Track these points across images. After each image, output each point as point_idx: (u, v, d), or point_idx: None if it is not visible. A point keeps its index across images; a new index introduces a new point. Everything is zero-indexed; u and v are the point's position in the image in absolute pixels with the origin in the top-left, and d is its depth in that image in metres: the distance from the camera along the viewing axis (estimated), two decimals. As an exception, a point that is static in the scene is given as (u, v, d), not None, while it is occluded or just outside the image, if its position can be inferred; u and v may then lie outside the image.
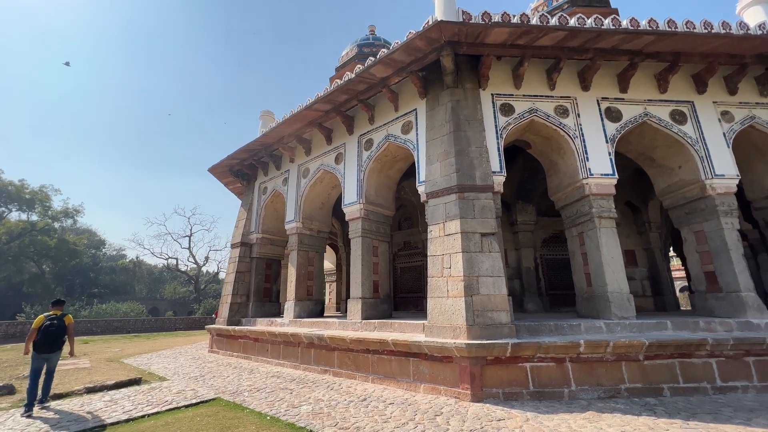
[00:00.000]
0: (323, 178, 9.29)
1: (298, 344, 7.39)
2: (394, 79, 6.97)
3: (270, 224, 10.93)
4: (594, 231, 6.24)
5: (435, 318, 5.42)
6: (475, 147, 6.14)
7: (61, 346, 5.18)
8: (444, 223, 5.82)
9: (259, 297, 10.47)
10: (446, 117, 6.45)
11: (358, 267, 7.54)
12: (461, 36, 5.98)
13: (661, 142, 7.04)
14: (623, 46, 6.22)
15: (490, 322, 5.07)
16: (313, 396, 5.13)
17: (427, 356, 5.25)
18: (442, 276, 5.55)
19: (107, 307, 34.22)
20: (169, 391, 5.58)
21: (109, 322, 24.51)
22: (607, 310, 5.81)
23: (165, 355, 9.82)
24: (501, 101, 6.62)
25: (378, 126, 7.82)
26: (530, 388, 4.76)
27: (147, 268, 61.70)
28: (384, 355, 5.81)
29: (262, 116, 12.20)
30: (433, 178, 6.25)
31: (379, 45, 11.90)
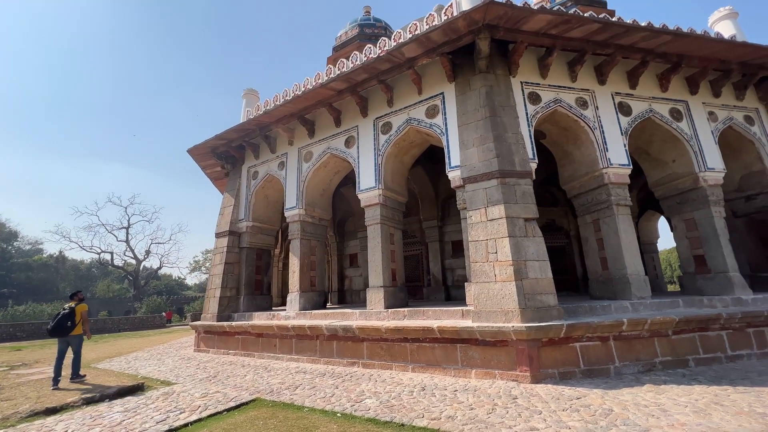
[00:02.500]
0: (328, 163, 8.79)
1: (317, 337, 6.96)
2: (422, 60, 6.73)
3: (260, 212, 10.14)
4: (612, 218, 6.61)
5: (482, 303, 5.38)
6: (511, 133, 6.16)
7: (71, 330, 6.34)
8: (486, 208, 5.78)
9: (250, 290, 9.70)
10: (480, 102, 6.38)
11: (378, 255, 7.27)
12: (502, 20, 5.92)
13: (659, 137, 7.66)
14: (641, 44, 6.61)
15: (540, 305, 5.15)
16: (365, 389, 4.83)
17: (478, 341, 5.21)
18: (487, 261, 5.52)
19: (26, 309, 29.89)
20: (191, 396, 4.91)
21: (36, 325, 21.26)
22: (626, 291, 6.22)
23: (143, 358, 8.71)
24: (529, 90, 6.71)
25: (398, 109, 7.53)
26: (581, 367, 4.93)
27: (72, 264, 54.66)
28: (426, 343, 5.66)
29: (246, 95, 11.23)
30: (470, 163, 6.17)
31: (380, 26, 11.46)
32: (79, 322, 6.49)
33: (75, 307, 6.51)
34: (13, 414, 4.30)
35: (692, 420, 3.25)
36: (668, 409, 3.56)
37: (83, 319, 6.57)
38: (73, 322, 6.38)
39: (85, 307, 6.67)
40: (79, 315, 6.50)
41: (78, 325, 6.46)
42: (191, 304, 43.69)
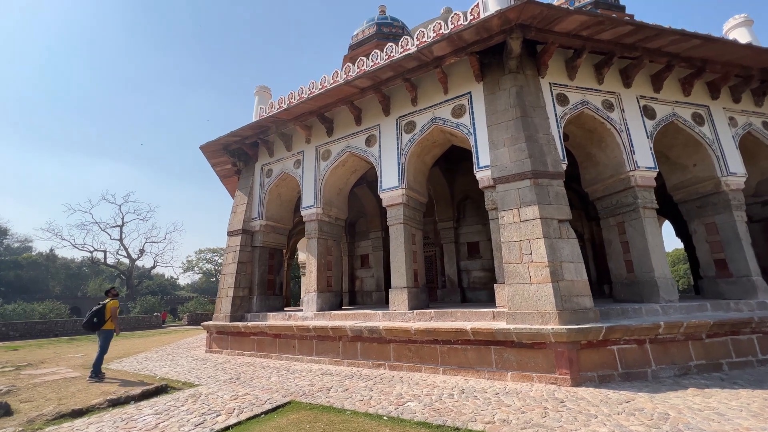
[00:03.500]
0: (346, 162, 8.68)
1: (339, 338, 6.82)
2: (450, 59, 6.67)
3: (273, 210, 9.97)
4: (638, 220, 6.61)
5: (516, 304, 5.31)
6: (542, 134, 6.13)
7: (99, 326, 6.60)
8: (519, 208, 5.72)
9: (263, 290, 9.52)
10: (510, 102, 6.34)
11: (401, 256, 7.17)
12: (536, 20, 5.89)
13: (680, 141, 7.70)
14: (669, 47, 6.64)
15: (577, 307, 5.09)
16: (401, 391, 4.72)
17: (513, 343, 5.13)
18: (521, 262, 5.45)
19: (16, 308, 29.12)
20: (220, 398, 4.75)
21: (30, 325, 20.73)
22: (654, 294, 6.20)
23: (154, 359, 8.47)
24: (557, 91, 6.69)
25: (422, 108, 7.46)
26: (619, 370, 4.88)
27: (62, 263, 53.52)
28: (458, 344, 5.57)
29: (258, 92, 11.07)
30: (500, 163, 6.11)
31: (398, 26, 11.39)
32: (108, 318, 6.63)
33: (106, 304, 6.71)
34: (38, 416, 4.10)
35: (755, 424, 3.21)
36: (724, 413, 3.51)
37: (112, 315, 6.69)
38: (101, 318, 6.60)
39: (115, 303, 6.82)
40: (108, 311, 6.65)
41: (108, 321, 6.63)
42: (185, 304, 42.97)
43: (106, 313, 6.71)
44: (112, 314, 6.74)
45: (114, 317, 6.74)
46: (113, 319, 6.73)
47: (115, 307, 6.79)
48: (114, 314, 6.76)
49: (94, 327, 6.65)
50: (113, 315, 6.75)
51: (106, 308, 6.74)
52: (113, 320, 6.73)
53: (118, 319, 6.92)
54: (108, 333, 6.74)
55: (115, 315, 6.77)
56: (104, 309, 6.73)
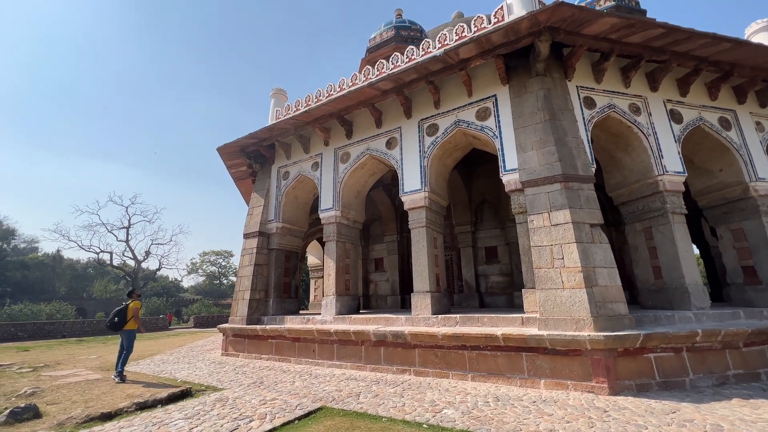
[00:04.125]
0: (365, 164, 8.63)
1: (362, 343, 6.72)
2: (475, 61, 6.63)
3: (290, 213, 9.93)
4: (667, 226, 6.49)
5: (548, 310, 5.20)
6: (571, 137, 6.05)
7: (121, 326, 6.60)
8: (549, 212, 5.63)
9: (279, 293, 9.44)
10: (538, 105, 6.28)
11: (424, 259, 7.08)
12: (566, 22, 5.83)
13: (706, 146, 7.59)
14: (697, 51, 6.56)
15: (612, 314, 4.98)
16: (434, 398, 4.61)
17: (546, 350, 5.02)
18: (552, 267, 5.35)
19: (23, 308, 29.15)
20: (249, 403, 4.66)
21: (38, 325, 20.75)
22: (685, 301, 6.06)
23: (170, 361, 8.39)
24: (584, 94, 6.62)
25: (445, 111, 7.41)
26: (657, 379, 4.75)
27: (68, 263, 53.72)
28: (487, 351, 5.46)
29: (274, 95, 11.08)
30: (529, 167, 6.03)
31: (416, 29, 11.39)
32: (130, 318, 6.66)
33: (128, 304, 6.74)
34: (68, 419, 4.03)
35: (817, 438, 3.08)
36: (780, 425, 3.38)
37: (134, 315, 6.73)
38: (122, 318, 6.61)
39: (137, 304, 6.87)
40: (130, 311, 6.68)
41: (130, 320, 6.65)
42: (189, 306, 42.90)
43: (128, 313, 6.72)
44: (134, 314, 6.76)
45: (136, 317, 6.79)
46: (135, 319, 6.76)
47: (136, 308, 6.83)
48: (136, 314, 6.80)
49: (116, 327, 6.64)
50: (135, 315, 6.77)
51: (128, 309, 6.75)
52: (135, 320, 6.76)
53: (141, 319, 6.89)
54: (130, 333, 6.74)
55: (137, 315, 6.81)
56: (126, 309, 6.74)
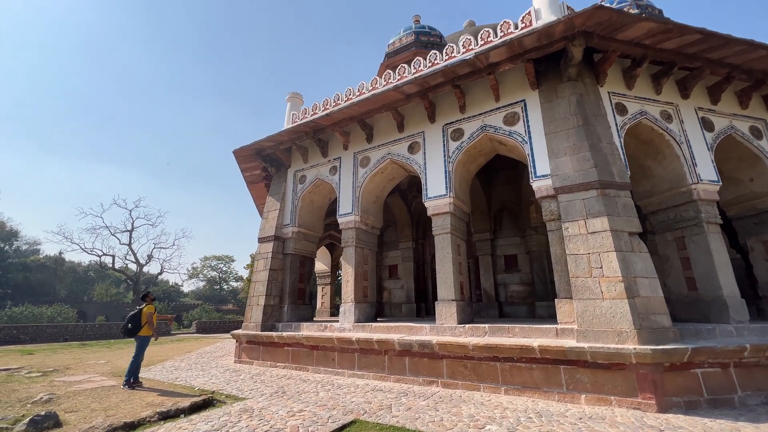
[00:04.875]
0: (385, 169, 8.50)
1: (385, 352, 6.50)
2: (505, 65, 6.52)
3: (305, 217, 9.76)
4: (702, 236, 6.30)
5: (587, 321, 4.99)
6: (606, 143, 5.91)
7: (135, 332, 6.42)
8: (585, 220, 5.45)
9: (293, 299, 9.23)
10: (571, 110, 6.15)
11: (448, 267, 6.88)
12: (600, 26, 5.73)
13: (736, 155, 7.44)
14: (731, 59, 6.45)
15: (655, 326, 4.77)
16: (472, 413, 4.39)
17: (587, 363, 4.80)
18: (590, 276, 5.16)
19: (24, 310, 28.82)
20: (276, 414, 4.44)
21: (41, 328, 20.43)
22: (723, 314, 5.84)
23: (183, 368, 8.15)
24: (616, 100, 6.50)
25: (471, 115, 7.29)
26: (705, 396, 4.52)
27: (69, 266, 53.47)
28: (521, 363, 5.24)
29: (290, 98, 11.01)
30: (562, 173, 5.88)
31: (435, 35, 11.37)
32: (144, 324, 6.46)
33: (142, 309, 6.54)
34: (89, 429, 3.81)
35: None
36: None
37: (148, 321, 6.52)
38: (136, 323, 6.43)
39: (151, 308, 6.65)
40: (144, 316, 6.49)
41: (144, 326, 6.46)
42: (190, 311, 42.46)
43: (141, 318, 6.52)
44: (148, 320, 6.55)
45: (150, 323, 6.57)
46: (149, 325, 6.54)
47: (150, 313, 6.61)
48: (150, 319, 6.58)
49: (130, 333, 6.45)
50: (149, 320, 6.55)
51: (141, 313, 6.54)
52: (149, 326, 6.54)
53: (155, 324, 6.66)
54: (143, 339, 6.53)
55: (151, 320, 6.58)
56: (140, 314, 6.55)
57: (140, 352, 6.44)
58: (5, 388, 5.76)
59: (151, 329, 6.56)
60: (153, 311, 6.66)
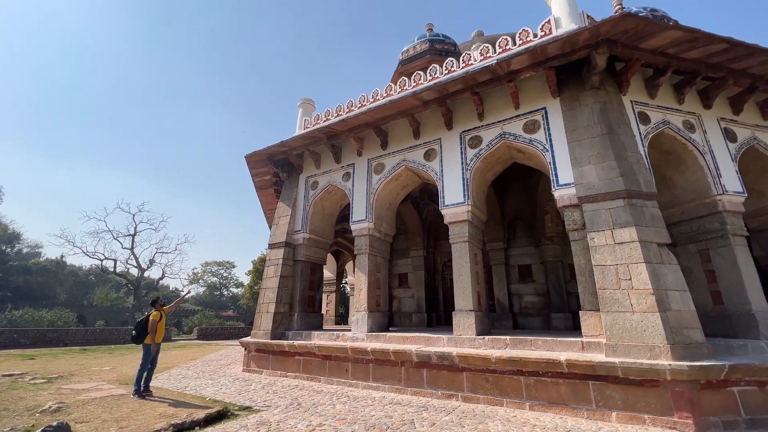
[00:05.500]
0: (400, 176, 8.40)
1: (402, 364, 6.31)
2: (525, 72, 6.45)
3: (317, 223, 9.64)
4: (728, 248, 6.15)
5: (617, 335, 4.82)
6: (631, 152, 5.80)
7: (140, 339, 6.23)
8: (612, 230, 5.31)
9: (303, 306, 9.06)
10: (594, 118, 6.06)
11: (466, 276, 6.74)
12: (626, 35, 5.67)
13: (758, 167, 7.34)
14: (755, 69, 6.38)
15: (689, 341, 4.60)
16: (501, 430, 4.20)
17: (618, 379, 4.61)
18: (619, 288, 5.00)
19: (24, 314, 28.49)
20: (294, 428, 4.25)
21: (41, 332, 20.18)
22: (752, 329, 5.66)
23: (190, 376, 7.94)
24: (638, 109, 6.42)
25: (489, 123, 7.21)
26: (743, 416, 4.33)
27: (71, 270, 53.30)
28: (547, 377, 5.05)
29: (302, 104, 10.98)
30: (587, 181, 5.76)
31: (449, 43, 11.39)
32: (150, 331, 6.19)
33: (149, 315, 6.31)
34: (103, 442, 3.64)
35: None
36: None
37: (150, 328, 6.20)
38: (141, 330, 6.21)
39: (156, 315, 6.33)
40: (150, 323, 6.22)
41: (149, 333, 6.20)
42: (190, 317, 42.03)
43: (148, 325, 6.27)
44: (151, 327, 6.20)
45: (153, 331, 6.21)
46: (151, 333, 6.20)
47: (155, 320, 6.26)
48: (153, 327, 6.22)
49: (136, 340, 6.25)
50: (152, 328, 6.20)
51: (148, 320, 6.31)
52: (151, 334, 6.20)
53: (155, 331, 6.24)
54: (147, 347, 6.22)
55: (153, 328, 6.21)
56: (146, 321, 6.32)
57: (145, 360, 6.16)
58: (11, 396, 5.58)
59: (154, 337, 6.20)
60: (158, 319, 6.30)
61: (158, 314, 6.40)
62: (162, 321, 6.41)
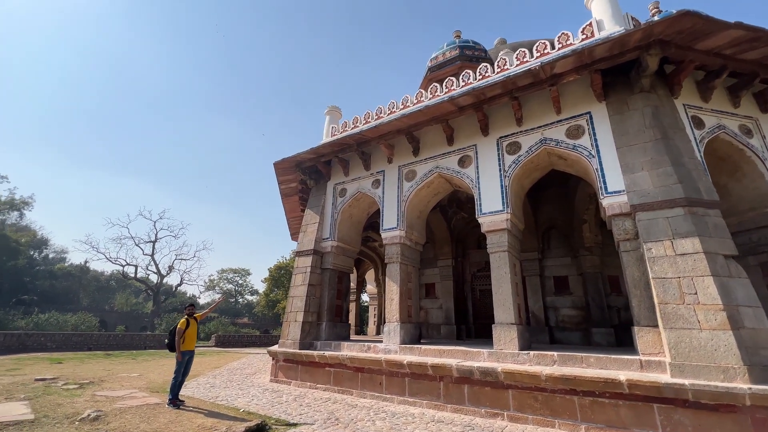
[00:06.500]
0: (432, 183, 8.21)
1: (440, 379, 6.02)
2: (569, 76, 6.23)
3: (345, 231, 9.51)
4: (795, 261, 5.70)
5: (683, 354, 4.45)
6: (688, 158, 5.47)
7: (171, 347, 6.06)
8: (672, 240, 4.97)
9: (331, 316, 8.87)
10: (646, 123, 5.77)
11: (507, 287, 6.44)
12: (681, 35, 5.41)
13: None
14: (818, 70, 5.99)
15: (766, 362, 4.20)
16: (561, 455, 3.87)
17: (687, 403, 4.23)
18: (683, 303, 4.64)
19: (50, 318, 29.19)
20: (339, 446, 4.03)
21: (67, 336, 20.59)
22: (828, 350, 5.18)
23: (218, 386, 7.81)
24: (692, 113, 6.10)
25: (528, 128, 6.98)
26: (834, 448, 3.89)
27: (93, 275, 54.65)
28: (605, 398, 4.69)
29: (329, 112, 10.99)
30: (640, 189, 5.44)
31: (480, 49, 11.29)
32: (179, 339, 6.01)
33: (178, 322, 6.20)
34: (147, 456, 3.49)
35: None
36: None
37: (178, 335, 6.03)
38: (171, 338, 6.07)
39: (183, 323, 6.14)
40: (176, 332, 6.09)
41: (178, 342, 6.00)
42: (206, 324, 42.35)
43: (177, 333, 6.11)
44: (178, 335, 6.03)
45: (178, 336, 6.01)
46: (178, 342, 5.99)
47: (180, 328, 6.07)
48: (179, 334, 6.04)
49: (169, 347, 6.14)
50: (178, 335, 6.02)
51: (176, 328, 6.19)
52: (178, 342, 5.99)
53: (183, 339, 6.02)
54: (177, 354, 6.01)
55: (180, 335, 6.03)
56: (175, 329, 6.21)
57: (177, 369, 6.04)
58: (49, 402, 5.53)
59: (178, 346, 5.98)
60: (184, 326, 6.09)
61: (185, 322, 6.20)
62: (191, 328, 6.23)
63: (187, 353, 6.19)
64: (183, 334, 6.06)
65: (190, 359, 6.22)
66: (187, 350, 6.15)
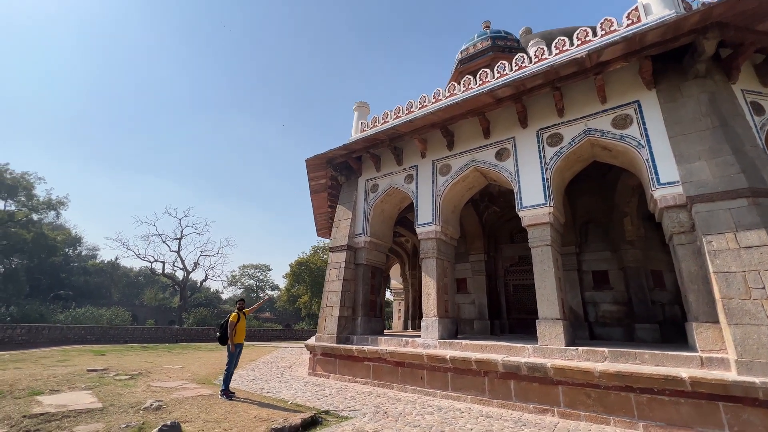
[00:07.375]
0: (467, 177, 8.11)
1: (485, 374, 5.99)
2: (617, 63, 6.00)
3: (377, 227, 9.53)
4: None
5: (750, 351, 4.26)
6: (750, 146, 5.20)
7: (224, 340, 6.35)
8: (735, 232, 4.75)
9: (366, 311, 8.94)
10: (702, 110, 5.51)
11: (550, 282, 6.31)
12: (740, 16, 5.13)
13: None
14: None
15: None
16: (625, 453, 3.79)
17: (756, 402, 4.06)
18: (749, 298, 4.44)
19: (86, 312, 30.58)
20: (396, 439, 4.06)
21: (104, 329, 21.53)
22: None
23: (260, 378, 8.01)
24: (750, 98, 5.79)
25: (571, 119, 6.79)
26: None
27: (123, 271, 56.89)
28: (664, 395, 4.56)
29: (357, 108, 10.99)
30: (698, 179, 5.22)
31: (512, 39, 11.07)
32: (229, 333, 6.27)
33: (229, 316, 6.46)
34: (215, 445, 3.60)
35: None
36: None
37: (229, 328, 6.29)
38: (224, 331, 6.35)
39: (234, 317, 6.40)
40: (228, 325, 6.34)
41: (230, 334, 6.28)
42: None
43: (228, 326, 6.36)
44: (230, 328, 6.31)
45: (230, 330, 6.27)
46: (230, 335, 6.25)
47: (232, 322, 6.33)
48: (231, 327, 6.29)
49: (221, 340, 6.37)
50: (231, 329, 6.30)
51: (228, 321, 6.41)
52: (231, 336, 6.25)
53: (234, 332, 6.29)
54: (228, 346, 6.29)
55: (232, 327, 6.29)
56: (226, 322, 6.43)
57: (229, 361, 6.27)
58: (109, 392, 5.80)
59: (231, 338, 6.24)
60: (235, 320, 6.36)
61: (236, 315, 6.47)
62: (241, 322, 6.47)
63: (239, 346, 6.40)
64: (235, 327, 6.26)
65: (239, 352, 6.40)
66: (238, 343, 6.36)
